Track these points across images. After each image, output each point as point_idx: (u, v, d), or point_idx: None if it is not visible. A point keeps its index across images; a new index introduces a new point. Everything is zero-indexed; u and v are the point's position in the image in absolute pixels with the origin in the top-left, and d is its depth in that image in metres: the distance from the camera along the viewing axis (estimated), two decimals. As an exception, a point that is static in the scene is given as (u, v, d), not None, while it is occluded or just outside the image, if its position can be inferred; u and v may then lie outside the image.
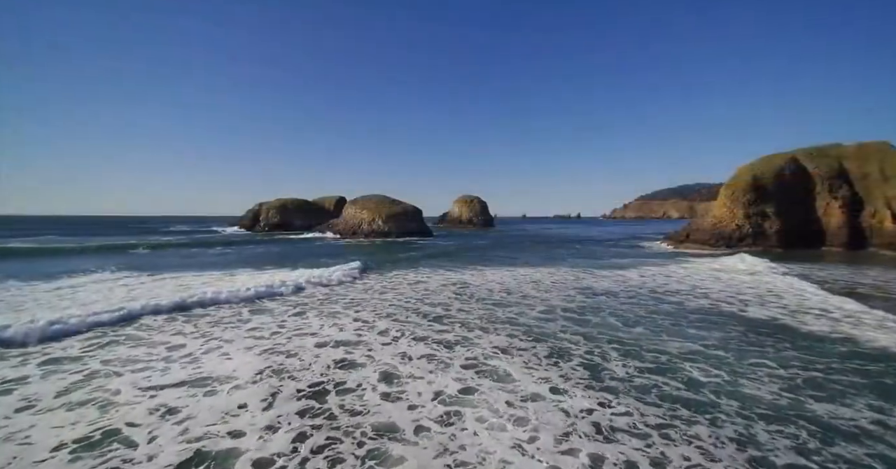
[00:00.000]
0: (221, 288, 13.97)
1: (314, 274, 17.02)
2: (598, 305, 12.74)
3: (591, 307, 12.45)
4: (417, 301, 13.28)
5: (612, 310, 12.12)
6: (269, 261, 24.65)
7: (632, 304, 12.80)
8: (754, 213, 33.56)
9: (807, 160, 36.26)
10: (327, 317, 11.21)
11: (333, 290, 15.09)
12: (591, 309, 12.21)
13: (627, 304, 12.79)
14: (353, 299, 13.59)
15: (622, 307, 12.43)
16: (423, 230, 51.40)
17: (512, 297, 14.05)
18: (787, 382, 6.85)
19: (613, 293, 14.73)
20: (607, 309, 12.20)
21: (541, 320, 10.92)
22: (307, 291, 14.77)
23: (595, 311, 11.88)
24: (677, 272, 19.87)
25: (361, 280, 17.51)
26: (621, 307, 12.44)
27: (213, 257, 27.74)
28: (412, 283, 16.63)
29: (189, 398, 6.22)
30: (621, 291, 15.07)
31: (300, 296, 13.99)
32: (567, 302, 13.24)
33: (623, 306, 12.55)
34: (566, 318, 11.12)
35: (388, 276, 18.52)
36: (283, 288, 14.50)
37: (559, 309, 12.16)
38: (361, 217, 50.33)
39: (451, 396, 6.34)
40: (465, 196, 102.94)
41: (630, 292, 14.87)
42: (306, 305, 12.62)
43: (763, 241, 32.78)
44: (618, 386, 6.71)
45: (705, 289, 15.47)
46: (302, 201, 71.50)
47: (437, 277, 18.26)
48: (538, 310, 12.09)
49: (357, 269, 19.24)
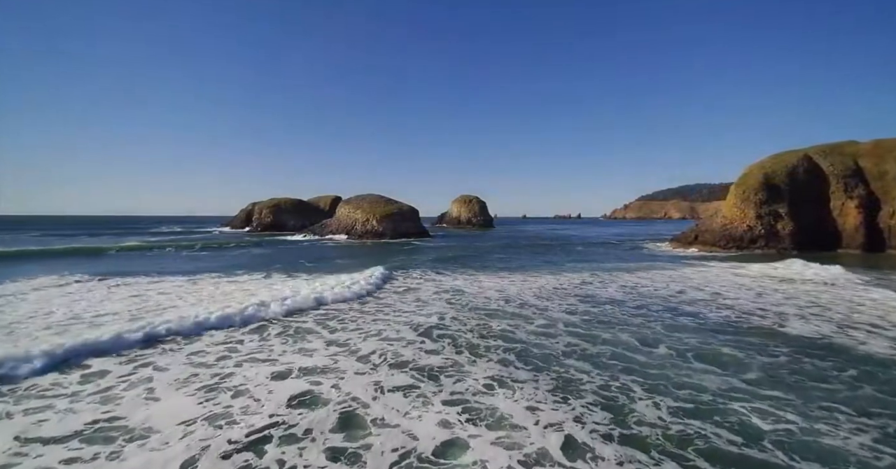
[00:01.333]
0: (178, 307, 12.27)
1: (285, 293, 13.38)
2: (607, 318, 11.12)
3: (599, 321, 10.83)
4: (405, 314, 11.65)
5: (622, 324, 10.50)
6: (242, 266, 23.04)
7: (645, 318, 11.17)
8: (766, 214, 31.94)
9: (820, 158, 34.64)
10: (293, 336, 9.58)
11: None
12: (598, 323, 10.60)
13: (640, 317, 11.16)
14: (326, 313, 11.95)
15: (634, 321, 10.80)
16: (419, 231, 49.76)
17: (510, 306, 12.43)
18: (879, 432, 5.22)
19: (621, 303, 13.11)
20: (617, 323, 10.58)
21: (541, 336, 9.30)
22: (272, 309, 11.46)
23: (604, 326, 10.26)
24: (691, 277, 18.24)
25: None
26: (633, 321, 10.81)
27: (183, 262, 26.20)
28: (400, 293, 14.99)
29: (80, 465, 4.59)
30: (630, 300, 13.46)
31: (267, 310, 12.20)
32: (570, 313, 11.63)
33: (635, 320, 10.92)
34: (570, 333, 9.51)
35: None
36: (251, 309, 11.00)
37: (561, 323, 10.54)
38: (355, 217, 48.67)
39: (428, 457, 4.71)
40: (463, 196, 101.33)
41: (641, 302, 13.25)
42: (269, 327, 10.99)
43: (776, 242, 31.16)
44: (650, 435, 5.09)
45: (728, 297, 13.85)
46: (296, 201, 69.84)
47: (429, 285, 16.61)
48: (537, 324, 10.47)
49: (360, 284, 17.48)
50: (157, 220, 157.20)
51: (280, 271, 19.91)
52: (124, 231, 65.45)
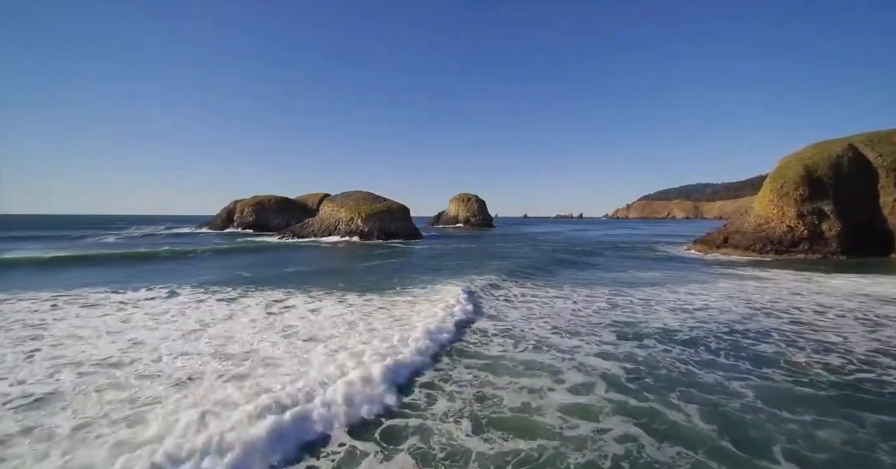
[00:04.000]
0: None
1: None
2: (660, 368, 6.64)
3: (653, 375, 6.33)
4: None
5: (688, 384, 6.13)
6: (151, 280, 18.52)
7: (715, 369, 6.77)
8: (809, 212, 27.38)
9: (867, 148, 30.07)
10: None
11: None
12: (651, 381, 6.11)
13: (708, 368, 6.64)
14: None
15: (703, 376, 6.40)
16: (409, 231, 45.13)
17: (520, 350, 7.87)
18: None
19: (672, 338, 8.64)
20: (680, 381, 6.18)
21: (571, 420, 4.76)
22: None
23: (661, 388, 5.81)
24: (750, 294, 13.67)
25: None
26: (701, 377, 6.41)
27: (97, 275, 21.68)
28: (350, 320, 10.42)
29: None
30: (683, 334, 8.95)
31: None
32: (605, 357, 7.13)
33: (703, 374, 6.51)
34: (617, 409, 4.97)
35: (294, 301, 12.32)
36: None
37: (600, 384, 6.02)
38: (339, 216, 44.06)
39: None
40: (462, 194, 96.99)
41: (698, 336, 8.77)
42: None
43: (821, 246, 26.59)
44: None
45: (822, 329, 9.29)
46: (281, 199, 65.25)
47: (380, 314, 12.07)
48: (565, 388, 5.95)
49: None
50: (139, 219, 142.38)
51: (199, 283, 15.29)
52: (85, 232, 59.67)
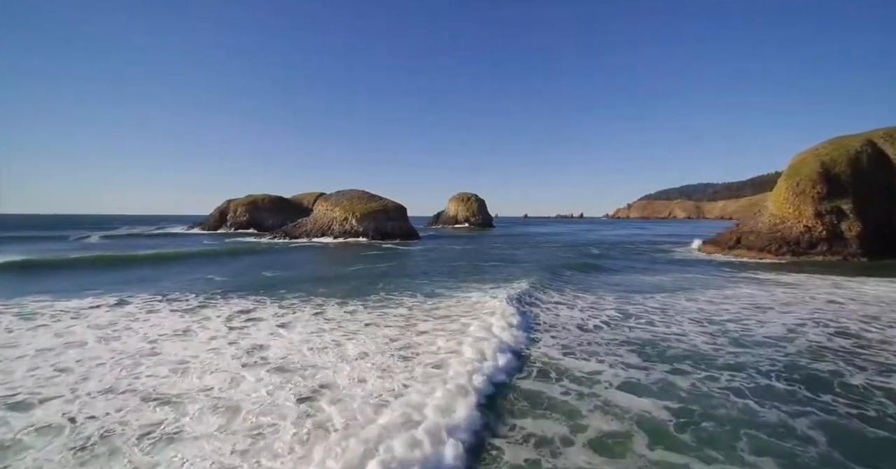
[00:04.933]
0: None
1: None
2: (703, 406, 5.05)
3: (713, 416, 4.75)
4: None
5: (755, 419, 4.54)
6: (107, 285, 17.01)
7: (784, 395, 5.15)
8: (827, 211, 25.79)
9: (887, 143, 28.49)
10: None
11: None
12: (716, 424, 4.52)
13: (779, 404, 5.04)
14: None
15: (768, 410, 4.81)
16: (405, 231, 43.57)
17: (524, 377, 6.32)
18: None
19: (709, 357, 7.08)
20: (746, 418, 4.57)
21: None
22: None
23: (730, 432, 4.21)
24: (784, 302, 12.10)
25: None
26: (766, 410, 4.83)
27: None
28: (317, 348, 8.88)
29: None
30: (721, 354, 7.36)
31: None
32: (631, 390, 5.54)
33: (768, 406, 4.92)
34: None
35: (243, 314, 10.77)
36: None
37: (632, 417, 4.48)
38: (332, 216, 42.51)
39: None
40: (461, 193, 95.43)
41: (738, 353, 7.20)
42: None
43: (840, 247, 25.01)
44: None
45: (877, 344, 7.73)
46: (276, 198, 63.73)
47: (386, 329, 10.53)
48: (592, 436, 4.38)
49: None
50: (134, 220, 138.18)
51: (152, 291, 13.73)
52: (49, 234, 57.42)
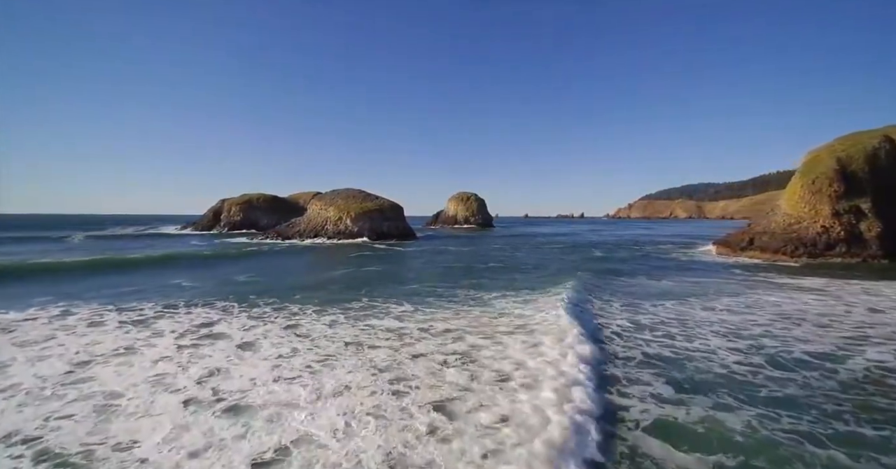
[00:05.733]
0: None
1: None
2: (790, 453, 3.70)
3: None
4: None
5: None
6: (56, 292, 15.68)
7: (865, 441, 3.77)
8: (845, 211, 24.43)
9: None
10: None
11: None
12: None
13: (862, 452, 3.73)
14: None
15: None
16: (402, 232, 42.21)
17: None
18: None
19: (750, 386, 5.68)
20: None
21: None
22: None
23: None
24: (822, 312, 10.74)
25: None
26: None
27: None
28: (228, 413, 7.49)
29: None
30: (764, 384, 5.97)
31: None
32: (655, 433, 4.18)
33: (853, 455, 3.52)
34: None
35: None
36: None
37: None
38: (326, 216, 41.14)
39: None
40: (461, 193, 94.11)
41: (789, 388, 5.80)
42: None
43: (860, 248, 23.64)
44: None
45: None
46: (270, 197, 62.38)
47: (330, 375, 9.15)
48: None
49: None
50: (129, 220, 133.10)
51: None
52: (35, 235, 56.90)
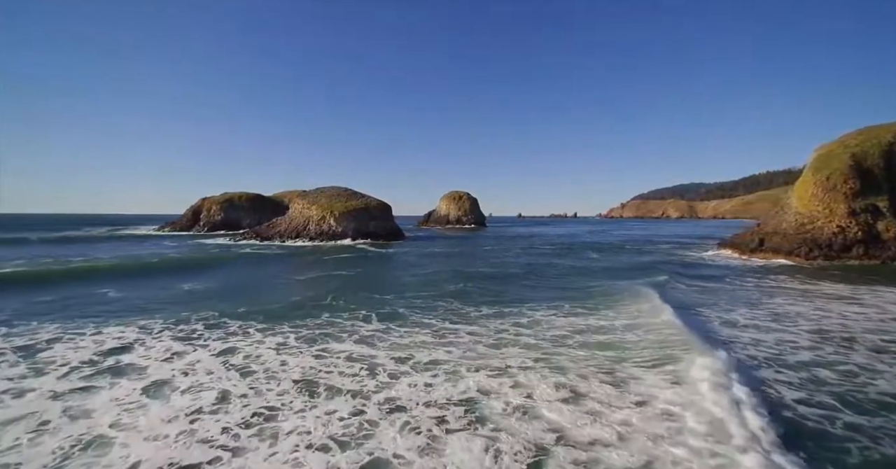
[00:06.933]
0: None
1: None
2: None
3: None
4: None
5: None
6: None
7: None
8: (862, 210, 22.77)
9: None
10: None
11: None
12: None
13: None
14: None
15: None
16: (389, 231, 39.97)
17: None
18: None
19: (833, 445, 3.64)
20: None
21: None
22: None
23: None
24: (859, 329, 8.83)
25: None
26: None
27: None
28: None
29: None
30: (846, 435, 3.96)
31: None
32: None
33: None
34: None
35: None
36: None
37: None
38: (308, 215, 38.74)
39: None
40: (453, 192, 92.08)
41: (886, 446, 3.79)
42: None
43: (878, 249, 21.95)
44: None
45: None
46: (253, 195, 59.69)
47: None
48: None
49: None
50: (119, 219, 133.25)
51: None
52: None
